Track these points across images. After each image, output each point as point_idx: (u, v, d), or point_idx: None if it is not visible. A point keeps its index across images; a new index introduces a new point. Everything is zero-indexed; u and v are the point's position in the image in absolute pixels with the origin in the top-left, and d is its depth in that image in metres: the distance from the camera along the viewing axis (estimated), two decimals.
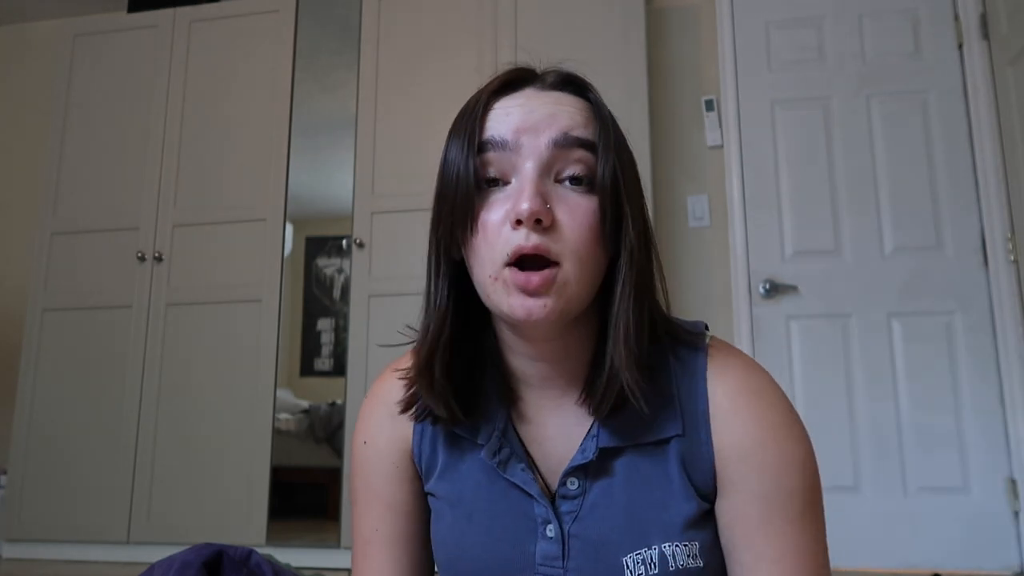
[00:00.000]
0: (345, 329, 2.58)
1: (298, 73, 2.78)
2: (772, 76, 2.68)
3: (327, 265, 2.70)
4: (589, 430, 0.64)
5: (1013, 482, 2.28)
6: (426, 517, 0.73)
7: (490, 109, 0.60)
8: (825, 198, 2.57)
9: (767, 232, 2.59)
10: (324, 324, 2.67)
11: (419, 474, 0.72)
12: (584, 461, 0.63)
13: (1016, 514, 2.27)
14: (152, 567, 0.76)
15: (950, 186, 2.49)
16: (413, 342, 0.69)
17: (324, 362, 2.66)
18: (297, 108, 2.76)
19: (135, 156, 2.84)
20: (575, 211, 0.58)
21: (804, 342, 2.50)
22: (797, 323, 2.51)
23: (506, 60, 2.59)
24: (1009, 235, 2.38)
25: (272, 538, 2.47)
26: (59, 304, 2.77)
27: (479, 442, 0.67)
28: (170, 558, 0.77)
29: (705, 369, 0.64)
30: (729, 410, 0.62)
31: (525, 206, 0.55)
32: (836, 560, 0.68)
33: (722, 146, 2.70)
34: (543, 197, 0.57)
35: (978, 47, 2.51)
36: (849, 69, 2.62)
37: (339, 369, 2.61)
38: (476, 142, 0.59)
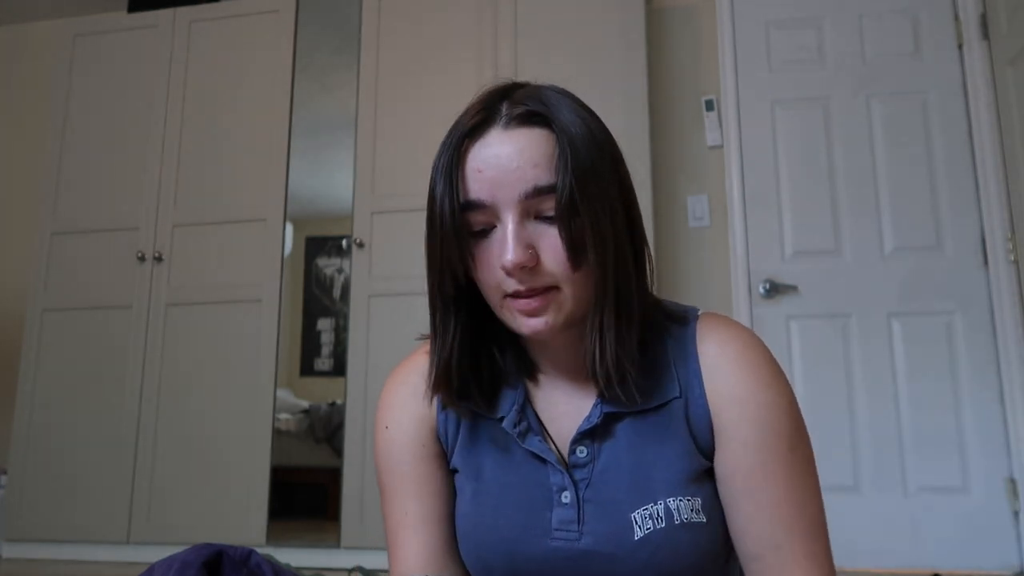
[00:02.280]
0: (345, 329, 2.58)
1: (298, 73, 2.79)
2: (772, 76, 2.68)
3: (327, 265, 2.70)
4: (596, 401, 0.69)
5: (1013, 482, 2.28)
6: (453, 497, 0.74)
7: (467, 154, 0.64)
8: (825, 198, 2.57)
9: (767, 232, 2.59)
10: (324, 324, 2.67)
11: (444, 452, 0.75)
12: (590, 426, 0.68)
13: (1016, 514, 2.27)
14: (152, 567, 0.76)
15: (950, 186, 2.49)
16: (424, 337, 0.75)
17: (324, 362, 2.66)
18: (297, 108, 2.76)
19: (135, 156, 2.84)
20: (556, 244, 0.63)
21: (804, 342, 2.50)
22: (797, 323, 2.51)
23: (506, 58, 2.60)
24: (1009, 235, 2.38)
25: (272, 538, 2.47)
26: (59, 304, 2.77)
27: (498, 416, 0.71)
28: (170, 558, 0.77)
29: (695, 333, 0.70)
30: (719, 359, 0.68)
31: (509, 258, 0.61)
32: (836, 560, 0.69)
33: (722, 146, 2.70)
34: (525, 243, 0.62)
35: (978, 47, 2.51)
36: (849, 69, 2.62)
37: (339, 369, 2.61)
38: (459, 201, 0.63)
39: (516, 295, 0.63)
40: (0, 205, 3.37)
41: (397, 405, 0.75)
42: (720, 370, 0.67)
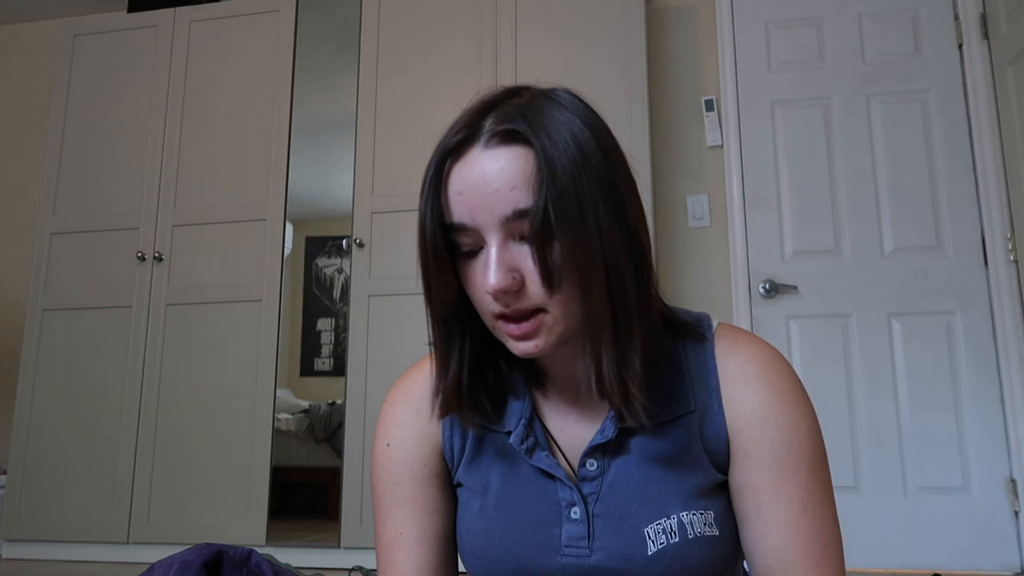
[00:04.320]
0: (345, 329, 2.58)
1: (298, 73, 2.79)
2: (772, 76, 2.68)
3: (327, 265, 2.70)
4: (608, 413, 0.67)
5: (1013, 482, 2.28)
6: (453, 515, 0.73)
7: (449, 175, 0.62)
8: (825, 198, 2.57)
9: (767, 232, 2.59)
10: (324, 324, 2.67)
11: (449, 469, 0.73)
12: (603, 440, 0.66)
13: (1016, 514, 2.27)
14: (152, 567, 0.76)
15: (950, 186, 2.49)
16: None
17: (324, 362, 2.66)
18: (297, 108, 2.76)
19: (135, 156, 2.84)
20: (535, 267, 0.61)
21: (804, 342, 2.50)
22: (797, 323, 2.51)
23: (506, 60, 2.60)
24: (1009, 235, 2.38)
25: (272, 538, 2.47)
26: (59, 304, 2.77)
27: (505, 430, 0.69)
28: (170, 558, 0.77)
29: (713, 348, 0.68)
30: (740, 378, 0.66)
31: (491, 283, 0.59)
32: None
33: (722, 146, 2.70)
34: (508, 267, 0.60)
35: (978, 47, 2.51)
36: (849, 69, 2.62)
37: (339, 369, 2.61)
38: (443, 223, 0.62)
39: (504, 317, 0.62)
40: (0, 205, 3.37)
41: (400, 422, 0.73)
42: (741, 389, 0.66)
